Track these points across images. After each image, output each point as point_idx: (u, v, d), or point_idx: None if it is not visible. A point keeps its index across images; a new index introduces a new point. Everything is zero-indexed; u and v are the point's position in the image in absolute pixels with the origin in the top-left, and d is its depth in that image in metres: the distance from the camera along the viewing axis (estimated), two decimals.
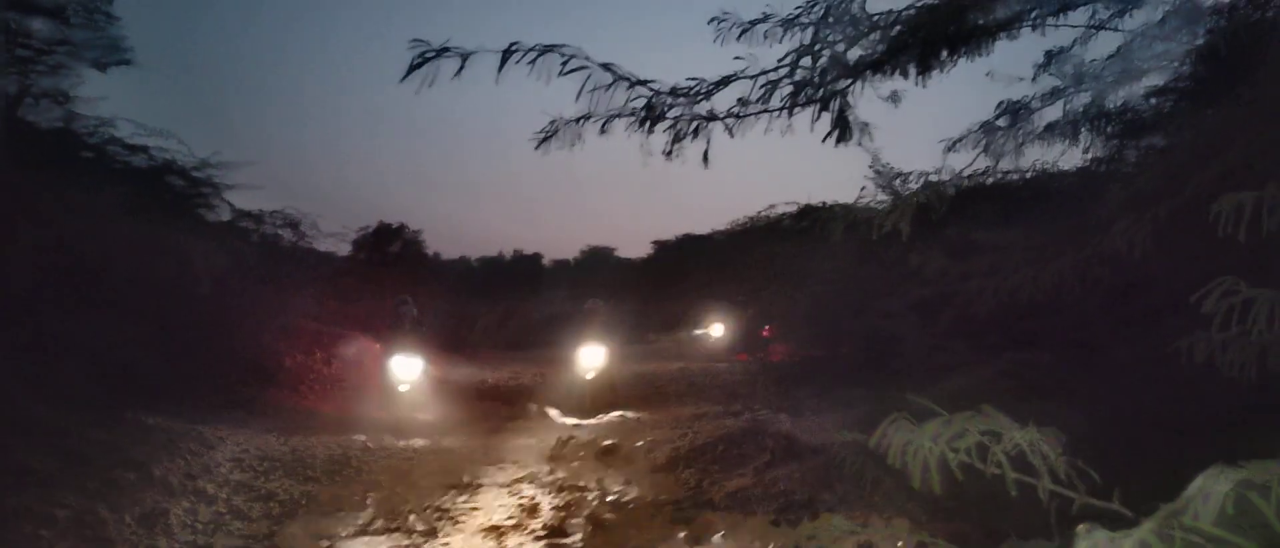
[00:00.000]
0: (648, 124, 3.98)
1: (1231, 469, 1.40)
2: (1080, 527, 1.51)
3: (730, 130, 4.12)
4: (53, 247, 7.75)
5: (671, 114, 4.01)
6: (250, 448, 9.09)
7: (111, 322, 7.91)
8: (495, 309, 24.00)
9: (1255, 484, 1.34)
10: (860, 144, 4.18)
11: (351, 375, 15.04)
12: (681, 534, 7.23)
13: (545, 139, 4.08)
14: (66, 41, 10.38)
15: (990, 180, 8.22)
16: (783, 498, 7.37)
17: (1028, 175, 8.97)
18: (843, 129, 4.17)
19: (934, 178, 5.41)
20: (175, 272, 9.26)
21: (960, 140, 5.75)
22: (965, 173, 7.26)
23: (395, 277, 17.72)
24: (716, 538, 6.91)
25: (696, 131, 4.08)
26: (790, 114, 4.16)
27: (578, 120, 3.99)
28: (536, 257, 42.19)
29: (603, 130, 3.96)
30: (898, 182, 7.87)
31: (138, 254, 8.83)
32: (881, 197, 8.60)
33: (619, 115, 3.94)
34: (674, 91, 4.10)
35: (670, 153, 4.17)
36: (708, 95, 4.09)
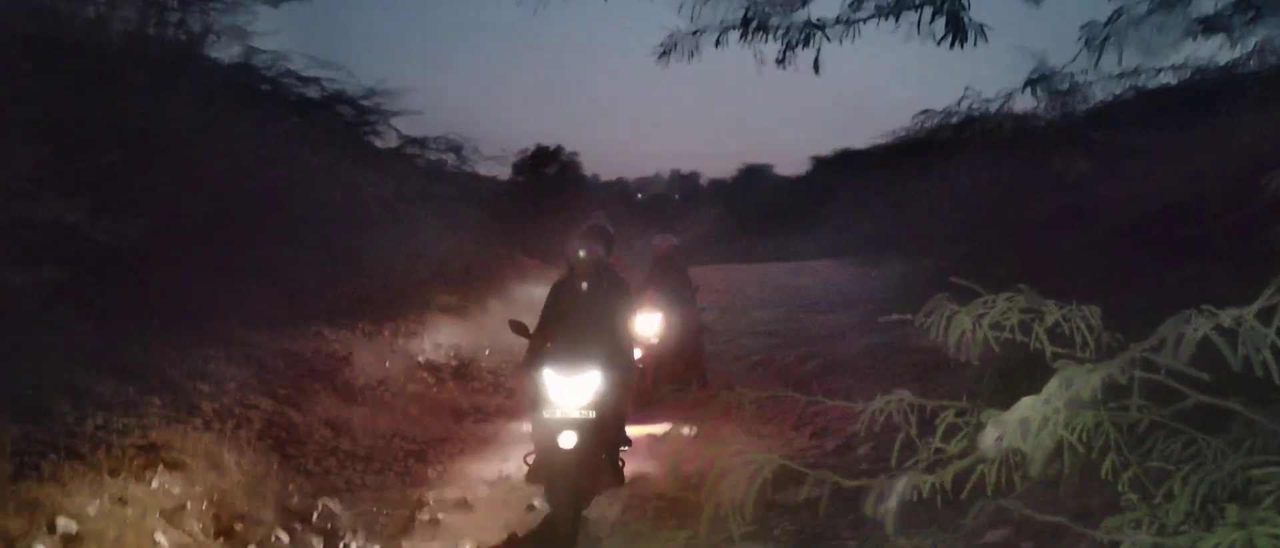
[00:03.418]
0: (752, 32, 4.05)
1: (1202, 314, 1.46)
2: (1058, 362, 1.58)
3: (827, 36, 4.13)
4: (237, 175, 8.37)
5: (772, 23, 4.07)
6: (419, 361, 9.72)
7: (290, 245, 8.51)
8: (650, 231, 24.26)
9: (1225, 329, 1.40)
10: (975, 46, 4.11)
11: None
12: (831, 446, 7.39)
13: (665, 53, 4.22)
14: None
15: (1140, 80, 7.73)
16: (925, 410, 7.38)
17: (1180, 74, 8.39)
18: (957, 31, 4.11)
19: (1081, 78, 5.23)
20: (346, 197, 9.81)
21: (1107, 37, 5.46)
22: (1114, 73, 6.91)
23: (553, 199, 18.03)
24: (862, 450, 7.00)
25: (806, 41, 4.12)
26: (896, 18, 4.13)
27: (693, 33, 4.10)
28: (693, 176, 42.46)
29: (717, 43, 4.07)
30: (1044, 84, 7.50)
31: (312, 182, 9.42)
32: (1038, 102, 8.27)
33: (731, 27, 4.04)
34: (770, 0, 4.14)
35: (782, 61, 4.23)
36: (804, 3, 4.11)
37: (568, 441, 5.58)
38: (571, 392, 5.69)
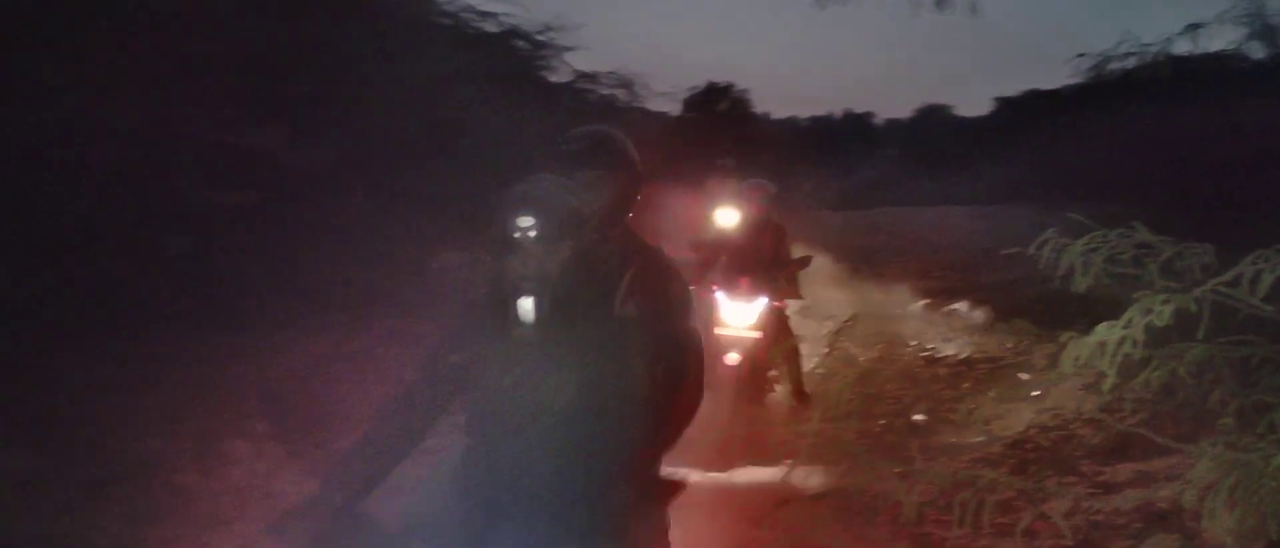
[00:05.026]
0: None
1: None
2: (1137, 293, 1.58)
3: None
4: (418, 107, 8.75)
5: None
6: None
7: (463, 173, 8.83)
8: (819, 172, 23.82)
9: None
10: None
11: None
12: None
13: None
14: None
15: None
16: None
17: None
18: None
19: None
20: (520, 129, 10.07)
21: None
22: None
23: (723, 135, 17.92)
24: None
25: None
26: None
27: None
28: (867, 115, 41.50)
29: None
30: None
31: (489, 113, 9.72)
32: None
33: None
34: None
35: (940, 2, 4.05)
36: None
37: None
38: None
